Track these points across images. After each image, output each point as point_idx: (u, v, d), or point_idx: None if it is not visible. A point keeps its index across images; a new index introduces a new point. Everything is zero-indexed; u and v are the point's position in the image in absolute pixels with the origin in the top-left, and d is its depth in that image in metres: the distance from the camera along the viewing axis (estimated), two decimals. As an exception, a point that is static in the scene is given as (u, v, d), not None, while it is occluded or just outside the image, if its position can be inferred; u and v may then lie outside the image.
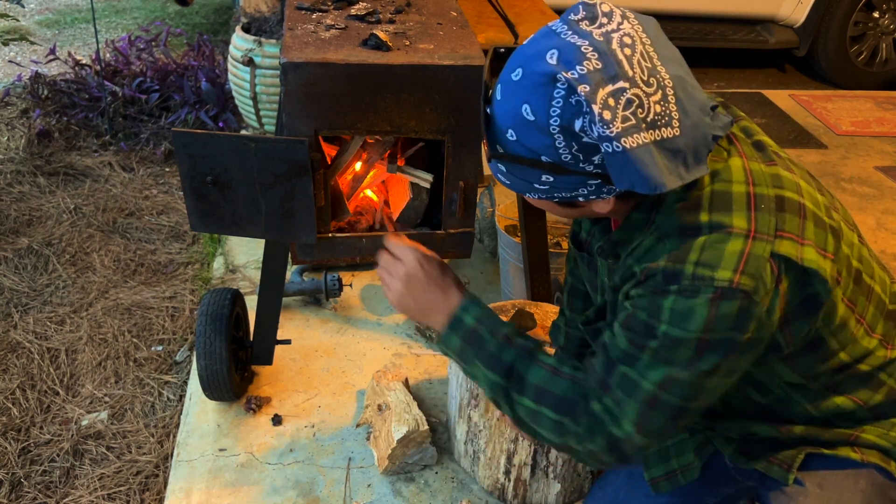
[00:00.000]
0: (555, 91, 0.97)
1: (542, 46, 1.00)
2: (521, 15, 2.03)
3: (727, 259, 1.00)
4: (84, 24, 5.38)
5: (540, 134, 1.00)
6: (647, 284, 1.06)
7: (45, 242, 2.85)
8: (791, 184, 1.09)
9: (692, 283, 1.01)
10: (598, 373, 1.12)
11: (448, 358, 1.32)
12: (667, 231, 1.07)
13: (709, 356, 1.03)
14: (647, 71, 0.98)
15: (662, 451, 1.49)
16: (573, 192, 1.06)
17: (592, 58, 0.97)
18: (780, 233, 1.03)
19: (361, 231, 1.78)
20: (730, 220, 1.03)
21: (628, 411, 1.08)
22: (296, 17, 1.66)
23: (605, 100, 0.95)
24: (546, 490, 1.78)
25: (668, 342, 1.04)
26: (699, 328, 1.01)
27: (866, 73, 4.83)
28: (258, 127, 3.36)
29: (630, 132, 0.96)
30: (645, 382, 1.06)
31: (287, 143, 1.50)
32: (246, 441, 1.97)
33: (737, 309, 1.00)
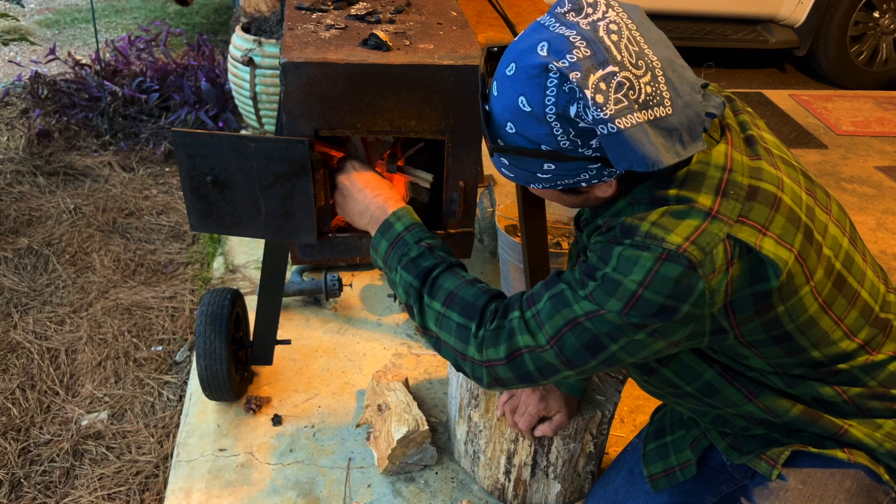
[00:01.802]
0: (548, 81, 1.01)
1: (532, 40, 1.04)
2: (521, 15, 2.03)
3: (682, 228, 1.05)
4: (84, 24, 5.38)
5: (538, 123, 1.04)
6: (606, 234, 1.12)
7: (45, 242, 2.85)
8: (772, 177, 1.11)
9: (643, 240, 1.05)
10: (536, 288, 1.18)
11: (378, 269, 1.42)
12: (637, 198, 1.12)
13: (639, 312, 1.06)
14: (635, 54, 1.01)
15: (661, 449, 1.49)
16: (575, 178, 1.09)
17: (581, 46, 1.00)
18: (743, 219, 1.06)
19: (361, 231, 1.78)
20: (696, 196, 1.07)
21: (548, 325, 1.13)
22: (296, 16, 1.66)
23: (597, 84, 0.98)
24: (546, 490, 1.78)
25: (607, 283, 1.08)
26: (638, 280, 1.05)
27: (866, 72, 4.83)
28: (258, 127, 3.36)
29: (623, 113, 0.99)
30: (576, 306, 1.11)
31: (287, 143, 1.50)
32: (246, 441, 1.97)
33: (677, 274, 1.03)
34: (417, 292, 1.25)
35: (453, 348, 1.23)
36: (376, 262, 1.34)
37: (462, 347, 1.21)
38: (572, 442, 1.68)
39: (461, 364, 1.24)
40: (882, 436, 1.21)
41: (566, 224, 2.53)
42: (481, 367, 1.20)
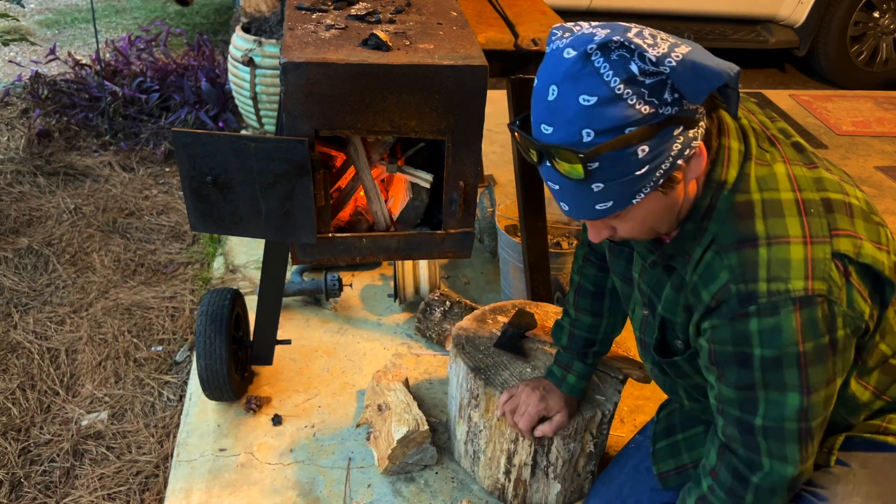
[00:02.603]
0: (595, 62, 0.99)
1: (554, 60, 1.02)
2: (521, 15, 2.03)
3: (795, 268, 1.03)
4: (84, 24, 5.38)
5: (611, 105, 0.99)
6: (720, 312, 1.08)
7: (45, 242, 2.85)
8: (833, 185, 1.12)
9: (769, 301, 1.03)
10: (738, 437, 1.14)
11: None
12: (724, 244, 1.09)
13: (815, 365, 1.05)
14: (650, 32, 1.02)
15: (672, 447, 1.50)
16: (668, 155, 1.02)
17: (598, 30, 1.00)
18: (835, 231, 1.06)
19: (361, 231, 1.78)
20: (784, 228, 1.06)
21: (790, 454, 1.11)
22: (296, 17, 1.66)
23: (637, 36, 0.98)
24: (546, 490, 1.78)
25: (768, 366, 1.06)
26: (792, 341, 1.03)
27: (866, 72, 4.83)
28: (258, 127, 3.36)
29: (673, 47, 0.98)
30: (788, 423, 1.09)
31: (287, 143, 1.50)
32: (246, 441, 1.97)
33: (820, 313, 1.03)
34: None
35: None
36: None
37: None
38: (572, 442, 1.68)
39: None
40: None
41: (566, 224, 2.53)
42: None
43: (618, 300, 1.59)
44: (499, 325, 1.90)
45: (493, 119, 3.73)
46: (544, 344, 1.84)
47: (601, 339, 1.62)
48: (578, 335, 1.62)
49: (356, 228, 1.78)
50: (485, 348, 1.80)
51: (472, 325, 1.89)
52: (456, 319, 2.30)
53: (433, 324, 2.33)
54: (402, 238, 1.71)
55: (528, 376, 1.73)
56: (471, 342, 1.82)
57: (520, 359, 1.79)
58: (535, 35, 1.87)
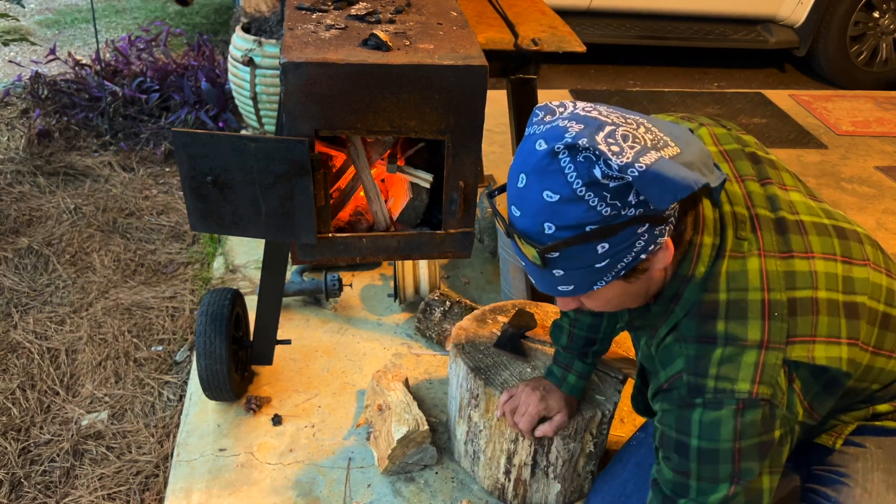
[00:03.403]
0: (561, 162, 1.01)
1: (528, 146, 1.05)
2: (521, 15, 2.03)
3: (744, 371, 1.08)
4: (84, 24, 5.38)
5: (572, 205, 1.01)
6: (671, 396, 1.14)
7: (45, 242, 2.85)
8: (805, 279, 1.13)
9: (714, 396, 1.09)
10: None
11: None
12: (686, 335, 1.14)
13: (748, 463, 1.10)
14: (619, 117, 1.03)
15: None
16: (632, 250, 1.05)
17: (572, 124, 1.02)
18: (792, 339, 1.10)
19: (361, 231, 1.78)
20: (744, 331, 1.10)
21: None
22: (296, 17, 1.66)
23: (606, 140, 0.99)
24: (546, 490, 1.78)
25: (705, 458, 1.11)
26: (730, 438, 1.09)
27: (866, 73, 4.83)
28: (258, 127, 3.36)
29: (641, 154, 0.99)
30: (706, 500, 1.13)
31: (287, 143, 1.50)
32: (246, 441, 1.97)
33: (760, 416, 1.08)
34: None
35: None
36: None
37: None
38: (572, 442, 1.68)
39: None
40: None
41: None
42: None
43: None
44: (499, 325, 1.90)
45: (493, 119, 3.73)
46: (544, 344, 1.84)
47: (601, 338, 1.62)
48: (578, 335, 1.62)
49: (356, 228, 1.78)
50: (485, 348, 1.80)
51: (472, 325, 1.89)
52: (456, 319, 2.30)
53: (433, 324, 2.33)
54: (402, 238, 1.71)
55: (528, 376, 1.73)
56: (471, 342, 1.82)
57: (520, 359, 1.79)
58: (535, 35, 1.87)
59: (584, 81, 4.66)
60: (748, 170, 1.23)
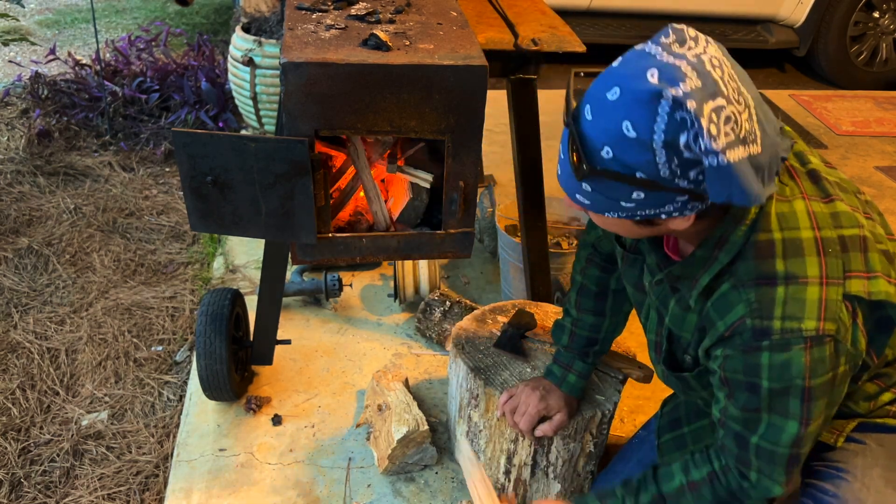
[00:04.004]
0: (659, 108, 0.98)
1: (639, 66, 1.01)
2: (521, 15, 2.03)
3: (809, 309, 1.08)
4: (84, 24, 5.38)
5: (641, 150, 1.00)
6: (733, 342, 1.13)
7: (45, 242, 2.85)
8: (849, 219, 1.15)
9: (782, 337, 1.08)
10: (733, 450, 1.20)
11: None
12: (744, 279, 1.12)
13: (818, 399, 1.11)
14: (735, 90, 1.01)
15: (678, 440, 1.51)
16: (659, 208, 1.06)
17: (693, 76, 0.98)
18: (849, 274, 1.10)
19: (361, 231, 1.78)
20: (803, 269, 1.09)
21: (777, 475, 1.17)
22: (296, 17, 1.66)
23: (710, 115, 0.97)
24: (546, 490, 1.78)
25: (777, 397, 1.12)
26: (801, 375, 1.09)
27: (866, 73, 4.83)
28: (258, 127, 3.36)
29: (732, 146, 0.98)
30: (780, 448, 1.15)
31: (287, 143, 1.50)
32: (246, 441, 1.97)
33: (828, 352, 1.08)
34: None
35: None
36: None
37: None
38: (572, 442, 1.68)
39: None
40: None
41: (566, 224, 2.53)
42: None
43: (620, 300, 1.60)
44: (499, 325, 1.90)
45: (493, 119, 3.72)
46: (544, 344, 1.84)
47: (603, 338, 1.62)
48: (580, 335, 1.62)
49: (356, 228, 1.78)
50: (485, 348, 1.80)
51: (472, 325, 1.89)
52: (456, 319, 2.30)
53: (433, 324, 2.33)
54: (402, 238, 1.71)
55: (528, 376, 1.73)
56: (471, 342, 1.82)
57: (520, 359, 1.79)
58: (535, 35, 1.87)
59: (584, 81, 4.66)
60: None
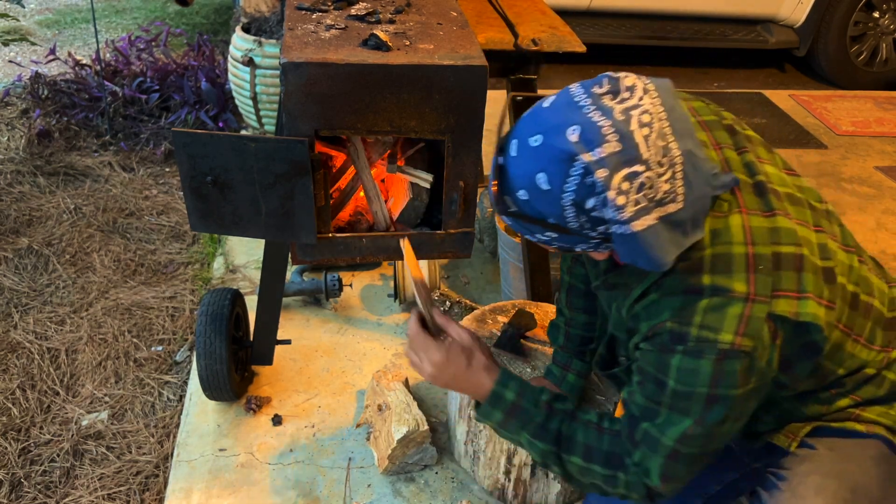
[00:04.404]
0: (572, 169, 1.00)
1: (564, 118, 1.02)
2: (521, 15, 2.03)
3: (728, 322, 1.07)
4: (84, 24, 5.38)
5: (551, 203, 1.04)
6: (654, 341, 1.14)
7: (45, 242, 2.85)
8: (790, 235, 1.12)
9: (697, 345, 1.08)
10: (626, 428, 1.20)
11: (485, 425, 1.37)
12: (670, 290, 1.13)
13: (717, 408, 1.10)
14: (661, 150, 1.01)
15: None
16: (573, 247, 1.11)
17: (612, 140, 0.99)
18: (777, 293, 1.09)
19: (361, 231, 1.78)
20: (730, 283, 1.09)
21: (653, 466, 1.16)
22: (296, 17, 1.66)
23: (620, 185, 0.99)
24: (546, 490, 1.78)
25: (678, 398, 1.11)
26: (706, 384, 1.08)
27: (866, 73, 4.82)
28: (258, 127, 3.36)
29: (640, 215, 1.01)
30: (665, 439, 1.14)
31: (287, 143, 1.50)
32: (246, 441, 1.97)
33: (739, 367, 1.08)
34: (556, 455, 1.26)
35: (602, 489, 1.26)
36: (486, 423, 1.33)
37: (612, 489, 1.25)
38: (572, 442, 1.68)
39: (611, 496, 1.27)
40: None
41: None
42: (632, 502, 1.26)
43: None
44: (499, 325, 1.90)
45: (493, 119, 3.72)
46: (544, 344, 1.84)
47: (598, 336, 1.62)
48: (575, 334, 1.62)
49: (356, 228, 1.78)
50: (485, 348, 1.80)
51: (472, 325, 1.89)
52: (456, 319, 2.30)
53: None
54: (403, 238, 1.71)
55: (528, 376, 1.73)
56: (471, 342, 1.82)
57: (520, 359, 1.79)
58: (535, 35, 1.87)
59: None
60: (725, 139, 1.23)
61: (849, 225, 3.19)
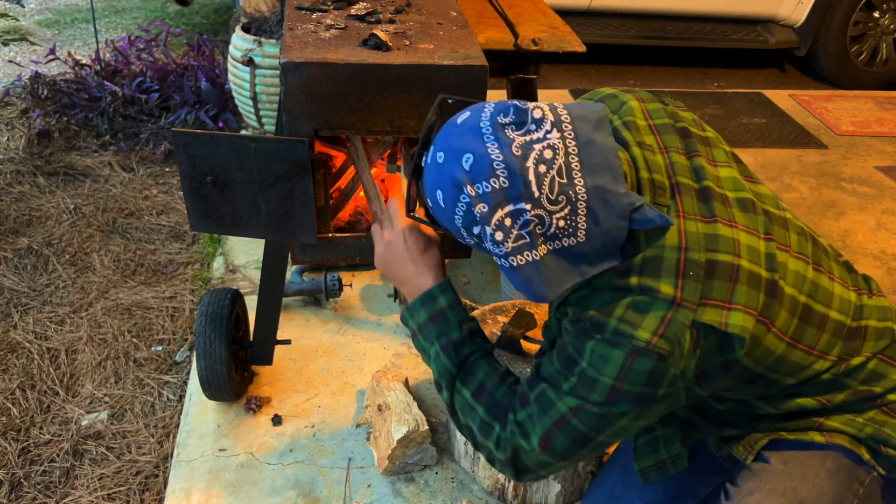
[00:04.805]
0: (461, 197, 1.04)
1: (463, 144, 1.04)
2: (522, 15, 2.03)
3: (648, 321, 1.06)
4: (84, 24, 5.38)
5: (448, 220, 1.08)
6: (577, 325, 1.14)
7: (45, 242, 2.85)
8: (728, 244, 1.10)
9: (613, 337, 1.08)
10: (523, 388, 1.20)
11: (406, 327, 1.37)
12: (599, 286, 1.13)
13: (619, 403, 1.10)
14: (559, 188, 1.01)
15: (652, 442, 1.51)
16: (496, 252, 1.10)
17: (501, 175, 1.01)
18: (705, 300, 1.07)
19: (361, 231, 1.78)
20: (657, 284, 1.08)
21: (538, 427, 1.15)
22: (296, 17, 1.66)
23: (502, 220, 1.01)
24: (546, 490, 1.78)
25: (585, 379, 1.11)
26: (613, 376, 1.08)
27: (866, 72, 4.82)
28: (258, 127, 3.36)
29: (521, 250, 1.03)
30: (560, 404, 1.13)
31: (287, 143, 1.50)
32: (246, 441, 1.97)
33: (649, 368, 1.06)
34: (452, 377, 1.26)
35: (474, 435, 1.26)
36: (407, 323, 1.32)
37: (482, 439, 1.25)
38: (572, 442, 1.68)
39: (480, 448, 1.27)
40: (863, 421, 1.24)
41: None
42: (494, 461, 1.25)
43: None
44: (499, 325, 1.90)
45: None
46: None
47: None
48: None
49: (356, 228, 1.78)
50: (485, 348, 1.80)
51: (472, 325, 1.89)
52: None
53: (433, 324, 2.33)
54: (402, 238, 1.71)
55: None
56: (471, 342, 1.82)
57: (520, 359, 1.79)
58: (535, 35, 1.87)
59: (584, 81, 4.66)
60: (674, 143, 1.21)
61: (848, 225, 3.19)
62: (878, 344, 1.22)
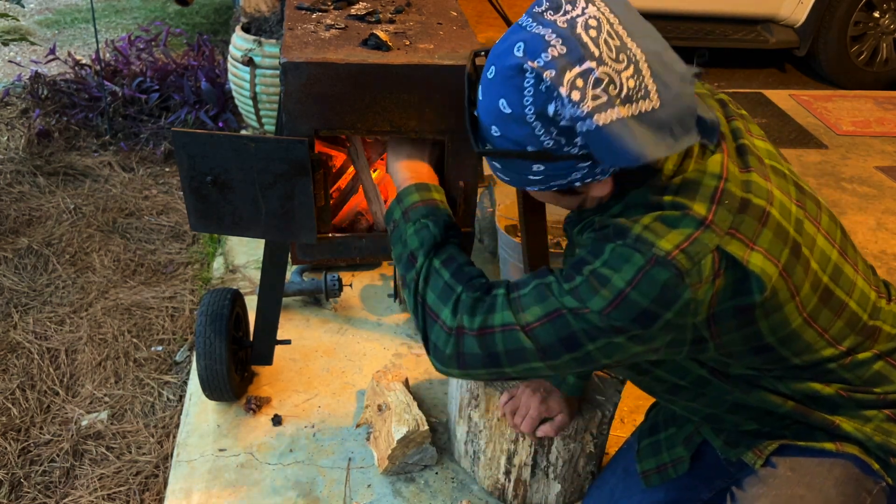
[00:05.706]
0: (524, 81, 1.01)
1: (510, 42, 1.05)
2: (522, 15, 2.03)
3: (673, 235, 1.04)
4: (84, 24, 5.38)
5: (519, 125, 1.04)
6: (598, 232, 1.12)
7: (45, 242, 2.85)
8: (762, 191, 1.10)
9: (634, 243, 1.05)
10: (524, 277, 1.18)
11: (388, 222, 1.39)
12: (633, 203, 1.11)
13: (621, 312, 1.05)
14: (616, 49, 1.00)
15: (654, 445, 1.50)
16: (567, 177, 1.08)
17: (556, 44, 1.00)
18: (733, 231, 1.05)
19: (361, 231, 1.78)
20: (691, 204, 1.06)
21: (531, 310, 1.12)
22: (296, 16, 1.66)
23: (573, 81, 0.98)
24: (546, 490, 1.78)
25: (594, 278, 1.07)
26: (626, 279, 1.04)
27: (866, 72, 4.83)
28: (258, 127, 3.36)
29: (602, 109, 0.99)
30: (562, 298, 1.10)
31: (287, 143, 1.50)
32: (246, 441, 1.97)
33: (664, 279, 1.02)
34: (433, 244, 1.25)
35: (430, 307, 1.22)
36: (392, 207, 1.32)
37: (439, 308, 1.20)
38: (572, 442, 1.68)
39: (429, 329, 1.22)
40: (871, 430, 1.22)
41: (566, 224, 2.53)
42: (450, 334, 1.18)
43: None
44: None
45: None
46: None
47: None
48: None
49: (356, 228, 1.78)
50: (485, 348, 1.80)
51: (472, 325, 1.89)
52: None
53: (433, 324, 2.33)
54: (402, 238, 1.71)
55: (528, 376, 1.73)
56: (471, 342, 1.82)
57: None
58: (535, 35, 1.87)
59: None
60: (713, 105, 1.23)
61: (848, 225, 3.19)
62: (888, 345, 1.22)
